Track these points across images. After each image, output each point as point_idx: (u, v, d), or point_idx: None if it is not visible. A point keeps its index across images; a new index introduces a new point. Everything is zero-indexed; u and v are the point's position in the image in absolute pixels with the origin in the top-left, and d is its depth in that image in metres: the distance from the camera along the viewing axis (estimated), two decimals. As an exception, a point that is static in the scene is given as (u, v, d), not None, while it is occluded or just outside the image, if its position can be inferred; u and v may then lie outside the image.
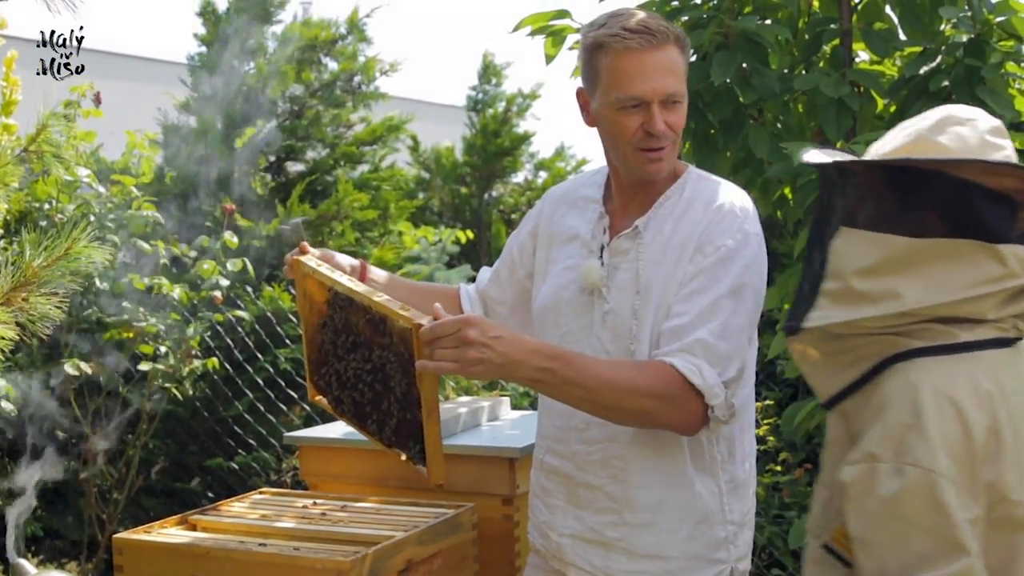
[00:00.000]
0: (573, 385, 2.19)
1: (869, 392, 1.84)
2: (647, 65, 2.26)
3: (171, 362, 4.98)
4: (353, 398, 2.46)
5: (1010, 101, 3.10)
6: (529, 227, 2.61)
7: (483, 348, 2.11)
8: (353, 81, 6.68)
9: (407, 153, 10.13)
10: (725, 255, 2.28)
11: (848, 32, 3.45)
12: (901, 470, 1.71)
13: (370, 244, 6.65)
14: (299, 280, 2.58)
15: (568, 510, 2.42)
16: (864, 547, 1.75)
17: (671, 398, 2.20)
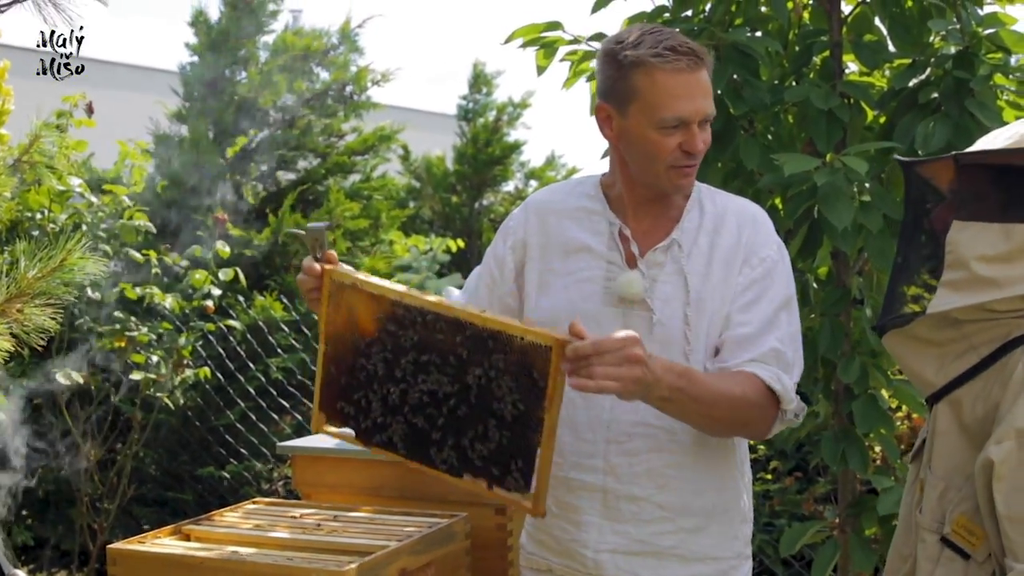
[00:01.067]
0: (698, 402, 2.18)
1: (994, 374, 1.87)
2: (692, 86, 2.26)
3: (163, 371, 4.99)
4: (412, 424, 2.26)
5: (999, 113, 3.12)
6: (510, 242, 2.53)
7: (644, 368, 2.06)
8: (345, 91, 6.70)
9: (398, 162, 10.14)
10: (771, 266, 2.36)
11: (838, 44, 3.47)
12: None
13: (361, 253, 6.66)
14: (332, 293, 2.35)
15: (604, 525, 2.36)
16: (1018, 525, 1.77)
17: (759, 406, 2.26)
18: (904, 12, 3.39)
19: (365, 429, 2.32)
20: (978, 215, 1.89)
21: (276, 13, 6.62)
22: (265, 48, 6.68)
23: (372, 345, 2.29)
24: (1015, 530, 1.78)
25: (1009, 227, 1.86)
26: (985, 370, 1.90)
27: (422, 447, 2.25)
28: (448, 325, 2.19)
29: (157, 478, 5.73)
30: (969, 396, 1.92)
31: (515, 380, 2.11)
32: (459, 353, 2.18)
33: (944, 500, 1.93)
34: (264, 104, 6.49)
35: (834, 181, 3.04)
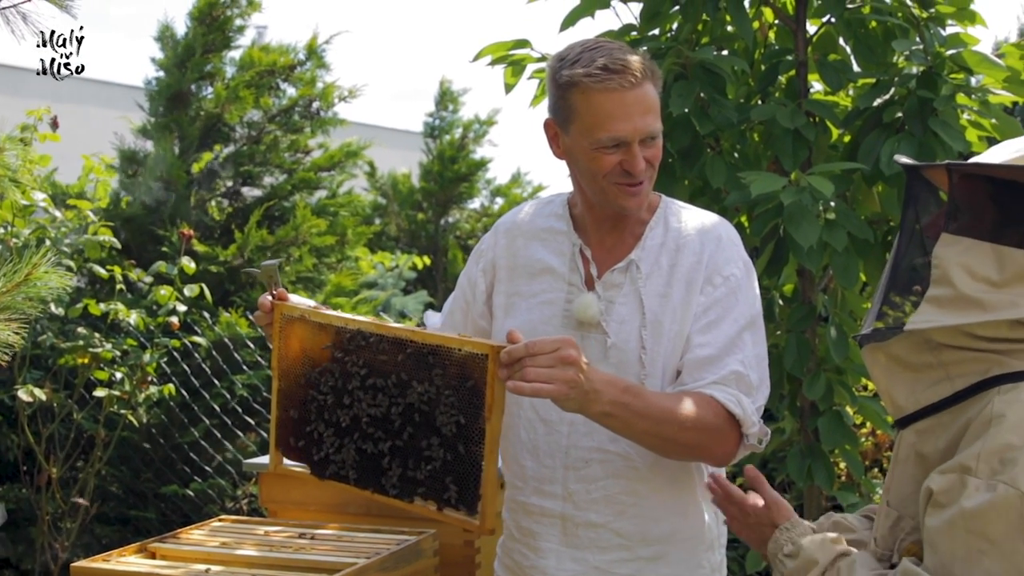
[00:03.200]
0: (642, 418, 2.14)
1: (964, 410, 1.79)
2: (627, 105, 2.21)
3: (126, 388, 4.95)
4: (361, 451, 2.26)
5: (961, 133, 3.17)
6: (481, 264, 2.53)
7: (580, 371, 2.04)
8: (311, 107, 6.67)
9: (364, 179, 10.13)
10: (735, 285, 2.30)
11: (803, 63, 3.51)
12: (993, 486, 1.68)
13: (327, 270, 6.64)
14: (281, 328, 2.36)
15: (563, 552, 2.35)
16: (934, 553, 1.73)
17: (718, 430, 2.20)
18: (868, 32, 3.44)
19: (318, 462, 2.34)
20: (969, 231, 1.81)
21: (243, 29, 6.60)
22: (231, 64, 6.65)
23: (322, 375, 2.30)
24: (931, 558, 1.74)
25: (1001, 250, 1.79)
26: (956, 404, 1.82)
27: (372, 474, 2.26)
28: (390, 345, 2.21)
29: (120, 496, 5.68)
30: (934, 427, 1.84)
31: (456, 393, 2.12)
32: (402, 372, 2.20)
33: (896, 529, 1.89)
34: (230, 120, 6.46)
35: (800, 200, 3.07)
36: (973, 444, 1.72)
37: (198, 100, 6.47)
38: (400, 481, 2.21)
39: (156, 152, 6.27)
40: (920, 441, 1.85)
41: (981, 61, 3.20)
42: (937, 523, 1.73)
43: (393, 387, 2.21)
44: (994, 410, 1.73)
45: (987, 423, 1.73)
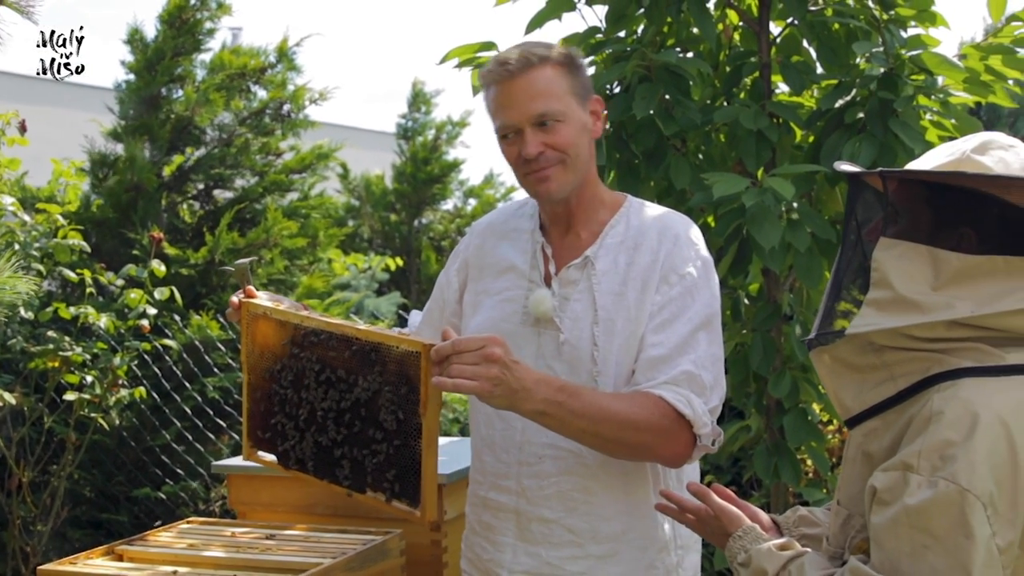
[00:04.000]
0: (579, 417, 2.16)
1: (906, 409, 1.83)
2: (513, 92, 2.29)
3: (97, 391, 4.94)
4: (318, 443, 2.33)
5: (921, 134, 3.21)
6: (456, 264, 2.59)
7: (505, 368, 2.07)
8: (283, 109, 6.67)
9: (337, 181, 10.13)
10: (691, 284, 2.31)
11: (767, 65, 3.55)
12: (934, 483, 1.71)
13: (300, 272, 6.63)
14: (248, 324, 2.46)
15: (519, 546, 2.38)
16: (880, 550, 1.76)
17: (665, 430, 2.21)
18: (831, 34, 3.47)
19: (283, 452, 2.42)
20: (907, 234, 1.86)
21: (213, 31, 6.58)
22: (202, 66, 6.64)
23: (282, 370, 2.40)
24: (877, 554, 1.77)
25: (936, 253, 1.83)
26: (900, 403, 1.86)
27: (328, 465, 2.33)
28: (338, 342, 2.31)
29: (92, 500, 5.66)
30: (880, 427, 1.88)
31: (395, 389, 2.21)
32: (349, 368, 2.29)
33: (847, 527, 1.92)
34: (201, 122, 6.45)
35: (762, 202, 3.10)
36: (914, 442, 1.76)
37: (168, 103, 6.46)
38: (352, 473, 2.29)
39: (126, 155, 6.25)
40: (866, 441, 1.89)
41: (940, 63, 3.24)
42: (881, 520, 1.76)
43: (342, 382, 2.29)
44: (933, 408, 1.77)
45: (927, 420, 1.76)
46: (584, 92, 2.35)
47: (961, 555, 1.70)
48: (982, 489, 1.70)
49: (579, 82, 2.34)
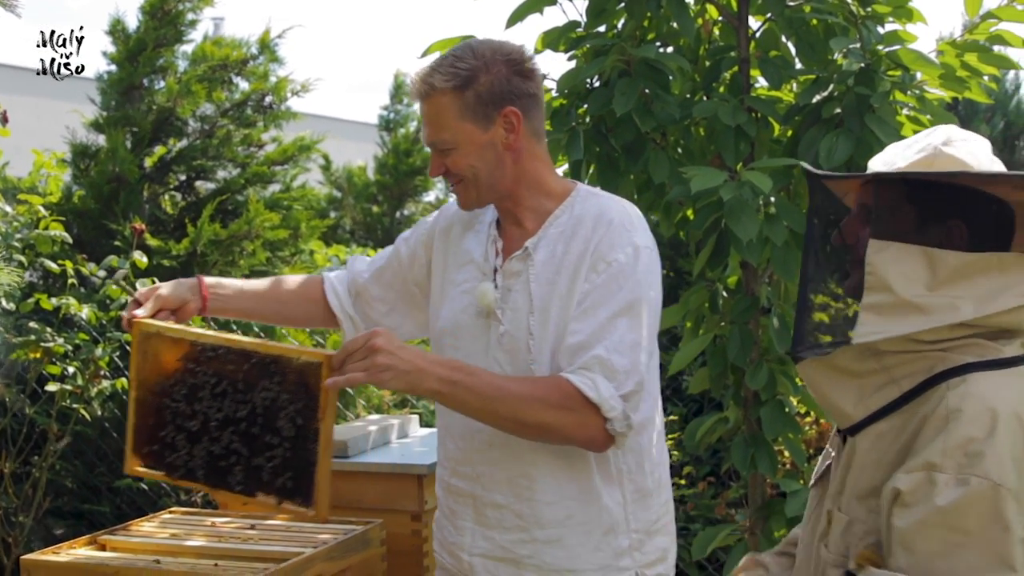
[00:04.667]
0: (474, 395, 2.24)
1: (916, 409, 1.83)
2: (423, 114, 2.44)
3: (79, 382, 4.94)
4: (210, 452, 2.43)
5: (897, 129, 3.24)
6: (423, 238, 2.66)
7: (391, 355, 2.17)
8: (265, 101, 6.67)
9: (319, 172, 10.13)
10: (618, 271, 2.34)
11: (746, 60, 3.58)
12: (965, 480, 1.72)
13: (281, 264, 6.64)
14: (140, 342, 2.53)
15: (476, 530, 2.46)
16: (910, 554, 1.76)
17: (569, 410, 2.25)
18: (809, 30, 3.50)
19: (171, 464, 2.50)
20: (896, 235, 1.86)
21: (195, 23, 6.57)
22: (184, 58, 6.63)
23: (175, 385, 2.49)
24: (907, 557, 1.76)
25: (930, 252, 1.84)
26: (906, 404, 1.86)
27: (219, 473, 2.42)
28: (237, 356, 2.42)
29: (74, 490, 5.67)
30: (888, 430, 1.87)
31: (294, 397, 2.33)
32: (248, 379, 2.40)
33: (848, 534, 1.91)
34: (183, 114, 6.44)
35: (740, 196, 3.14)
36: (935, 441, 1.76)
37: (150, 94, 6.45)
38: (244, 478, 2.39)
39: (108, 146, 6.25)
40: (875, 446, 1.88)
41: (917, 59, 3.28)
42: (908, 523, 1.76)
43: (240, 393, 2.41)
44: (949, 405, 1.78)
45: (944, 419, 1.77)
46: (486, 110, 2.38)
47: (1000, 548, 1.71)
48: (1012, 483, 1.72)
49: (479, 102, 2.38)
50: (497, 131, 2.39)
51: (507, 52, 2.42)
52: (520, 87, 2.41)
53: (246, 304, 2.70)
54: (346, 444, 3.21)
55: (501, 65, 2.39)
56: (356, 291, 2.73)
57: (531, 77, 2.45)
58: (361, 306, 2.73)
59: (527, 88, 2.43)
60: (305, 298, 2.75)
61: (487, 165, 2.41)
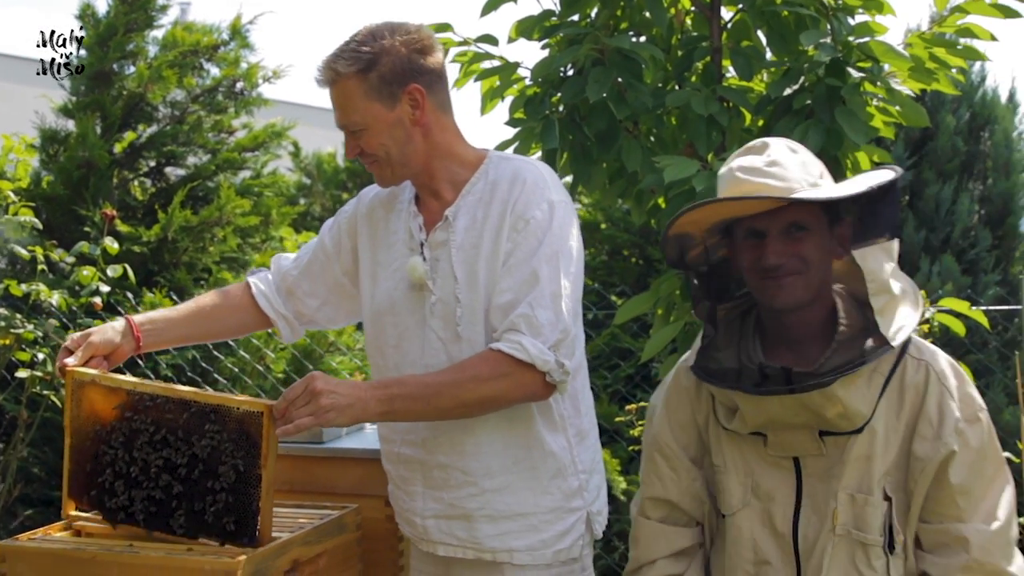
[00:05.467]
0: (414, 401, 2.38)
1: (896, 386, 2.16)
2: (331, 99, 2.53)
3: (49, 369, 4.92)
4: (151, 497, 2.51)
5: (866, 120, 3.27)
6: (345, 226, 2.75)
7: (332, 395, 2.31)
8: (235, 87, 6.66)
9: (289, 159, 10.09)
10: (535, 227, 2.46)
11: (718, 50, 3.60)
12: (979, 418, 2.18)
13: (252, 250, 6.64)
14: (74, 390, 2.58)
15: (427, 493, 2.58)
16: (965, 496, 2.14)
17: (504, 376, 2.38)
18: (781, 21, 3.53)
19: (110, 509, 2.57)
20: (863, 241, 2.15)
21: (165, 8, 6.56)
22: (154, 43, 6.61)
23: (112, 432, 2.54)
24: (963, 499, 2.12)
25: (886, 246, 2.13)
26: (888, 386, 2.14)
27: (161, 517, 2.51)
28: (175, 405, 2.50)
29: (43, 478, 5.65)
30: (888, 410, 2.15)
31: (236, 444, 2.43)
32: (187, 428, 2.48)
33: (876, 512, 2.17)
34: (153, 99, 6.43)
35: (712, 185, 3.15)
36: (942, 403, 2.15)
37: (120, 79, 6.42)
38: (187, 522, 2.49)
39: (78, 131, 6.21)
40: (884, 427, 2.16)
41: (886, 51, 3.31)
42: (964, 472, 2.14)
43: (180, 441, 2.49)
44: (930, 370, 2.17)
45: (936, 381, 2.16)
46: (391, 89, 2.49)
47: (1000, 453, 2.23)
48: None
49: (383, 82, 2.49)
50: (403, 108, 2.50)
51: (406, 32, 2.53)
52: (421, 64, 2.52)
53: (179, 332, 2.77)
54: (320, 430, 3.22)
55: (401, 46, 2.50)
56: (286, 289, 2.81)
57: (431, 54, 2.55)
58: (293, 304, 2.81)
59: (428, 64, 2.53)
60: (235, 308, 2.81)
61: (397, 142, 2.51)
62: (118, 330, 2.66)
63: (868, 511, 2.15)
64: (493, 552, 2.55)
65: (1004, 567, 2.13)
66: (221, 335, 2.96)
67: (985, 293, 6.28)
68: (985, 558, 2.12)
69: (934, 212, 6.59)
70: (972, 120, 6.91)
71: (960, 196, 6.63)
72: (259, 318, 2.82)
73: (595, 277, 6.94)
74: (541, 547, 2.55)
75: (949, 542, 2.13)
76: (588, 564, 2.66)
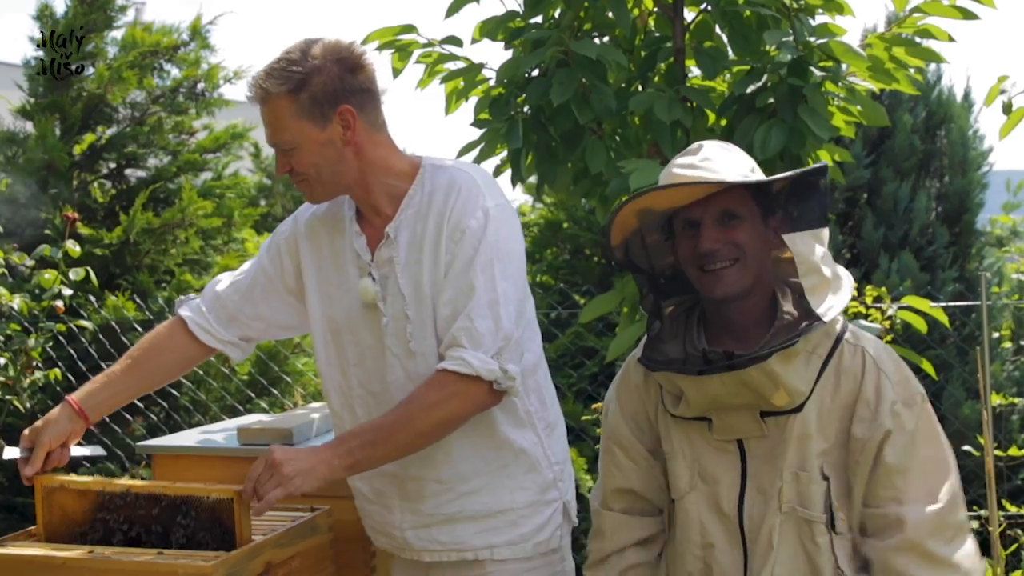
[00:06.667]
0: (376, 446, 2.41)
1: (836, 367, 2.22)
2: (261, 117, 2.52)
3: (11, 373, 4.89)
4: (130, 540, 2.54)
5: (827, 120, 3.31)
6: (285, 246, 2.74)
7: (292, 463, 2.34)
8: (196, 88, 6.63)
9: (250, 160, 10.05)
10: (471, 236, 2.46)
11: (681, 50, 3.62)
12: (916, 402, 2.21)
13: (214, 252, 6.61)
14: (44, 496, 2.62)
15: (404, 506, 2.62)
16: (903, 474, 2.17)
17: (452, 396, 2.41)
18: (743, 21, 3.56)
19: None
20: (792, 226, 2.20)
21: (124, 8, 6.52)
22: (113, 44, 6.57)
23: (87, 532, 2.58)
24: (900, 479, 2.16)
25: (817, 233, 2.19)
26: (826, 369, 2.19)
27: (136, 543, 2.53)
28: (146, 500, 2.54)
29: (4, 484, 5.60)
30: (825, 392, 2.20)
31: (210, 533, 2.48)
32: (160, 520, 2.53)
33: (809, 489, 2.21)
34: (113, 100, 6.39)
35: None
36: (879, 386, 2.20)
37: (80, 80, 6.38)
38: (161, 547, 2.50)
39: (37, 133, 6.17)
40: (821, 408, 2.21)
41: (846, 51, 3.35)
42: (900, 451, 2.17)
43: (154, 535, 2.53)
44: (865, 354, 2.22)
45: (872, 365, 2.21)
46: (322, 109, 2.47)
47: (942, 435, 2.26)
48: None
49: (313, 103, 2.46)
50: (334, 129, 2.48)
51: (339, 51, 2.50)
52: (353, 84, 2.50)
53: (123, 393, 2.79)
54: (291, 432, 3.22)
55: (332, 64, 2.48)
56: (227, 316, 2.79)
57: (363, 71, 2.53)
58: (238, 328, 2.80)
59: (360, 83, 2.52)
60: (173, 349, 2.79)
61: (328, 162, 2.50)
62: (64, 417, 2.69)
63: (812, 488, 2.20)
64: (475, 551, 2.59)
65: (937, 549, 2.14)
66: (166, 379, 2.90)
67: (943, 289, 6.36)
68: (919, 538, 2.13)
69: (892, 210, 6.67)
70: (929, 119, 7.00)
71: (918, 194, 6.72)
72: (202, 350, 2.81)
73: (559, 276, 6.96)
74: (521, 541, 2.60)
75: (887, 524, 2.17)
76: (567, 553, 2.72)
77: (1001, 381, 6.26)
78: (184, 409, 5.77)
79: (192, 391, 5.78)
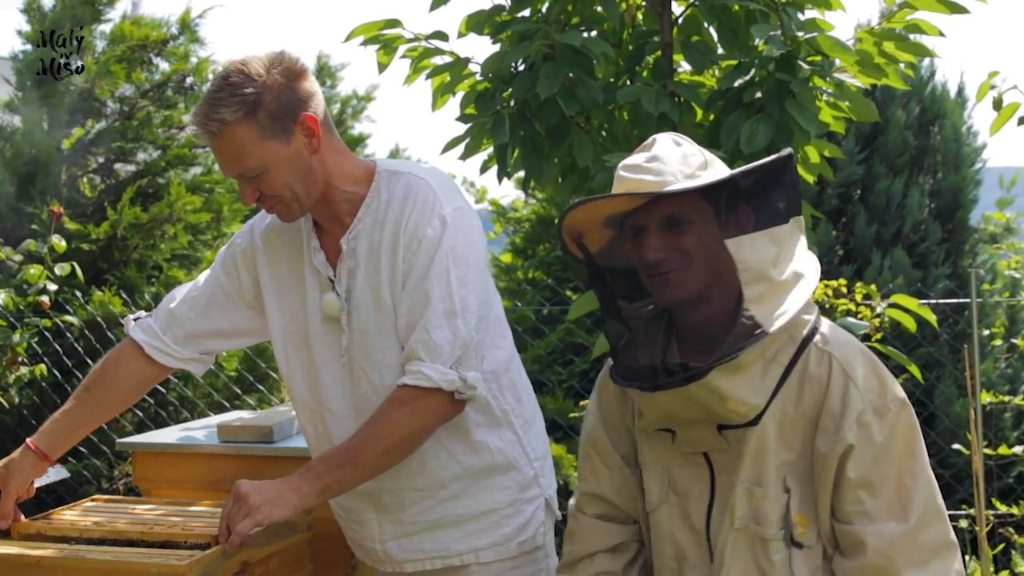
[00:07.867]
0: (340, 469, 2.38)
1: (800, 374, 2.09)
2: (215, 151, 2.45)
3: (-5, 369, 4.87)
4: None
5: (815, 114, 3.29)
6: (241, 260, 2.68)
7: (260, 494, 2.32)
8: (185, 82, 6.59)
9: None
10: (427, 245, 2.42)
11: (669, 45, 3.60)
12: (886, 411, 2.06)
13: (203, 247, 6.58)
14: None
15: (381, 518, 2.59)
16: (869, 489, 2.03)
17: (414, 410, 2.39)
18: (731, 15, 3.53)
19: None
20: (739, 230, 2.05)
21: (113, 2, 6.49)
22: (102, 37, 6.53)
23: None
24: (867, 495, 2.03)
25: (772, 232, 2.06)
26: (788, 377, 2.08)
27: None
28: (124, 544, 2.53)
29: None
30: (786, 402, 2.08)
31: None
32: None
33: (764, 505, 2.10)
34: (101, 95, 6.35)
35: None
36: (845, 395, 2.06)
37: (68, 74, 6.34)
38: None
39: (24, 127, 6.13)
40: (782, 420, 2.09)
41: (834, 46, 3.32)
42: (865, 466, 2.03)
43: None
44: (833, 360, 2.08)
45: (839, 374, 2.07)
46: (283, 124, 2.40)
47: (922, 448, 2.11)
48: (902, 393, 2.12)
49: (272, 119, 2.39)
50: (298, 140, 2.42)
51: (278, 63, 2.44)
52: (301, 91, 2.44)
53: (81, 428, 2.80)
54: (271, 429, 3.20)
55: (278, 76, 2.41)
56: (184, 335, 2.73)
57: (306, 77, 2.48)
58: (197, 345, 2.75)
59: (307, 89, 2.46)
60: (130, 375, 2.75)
61: (300, 176, 2.44)
62: (26, 464, 2.72)
63: (766, 504, 2.10)
64: (460, 555, 2.57)
65: (905, 573, 2.00)
66: (125, 405, 2.86)
67: (936, 286, 6.34)
68: (882, 562, 2.01)
69: (885, 206, 6.65)
70: (922, 115, 6.97)
71: (911, 190, 6.69)
72: (161, 371, 2.77)
73: (549, 272, 6.94)
74: (505, 541, 2.58)
75: (853, 543, 2.05)
76: (551, 549, 2.69)
77: (993, 379, 6.24)
78: (171, 405, 5.74)
79: (179, 388, 5.75)
